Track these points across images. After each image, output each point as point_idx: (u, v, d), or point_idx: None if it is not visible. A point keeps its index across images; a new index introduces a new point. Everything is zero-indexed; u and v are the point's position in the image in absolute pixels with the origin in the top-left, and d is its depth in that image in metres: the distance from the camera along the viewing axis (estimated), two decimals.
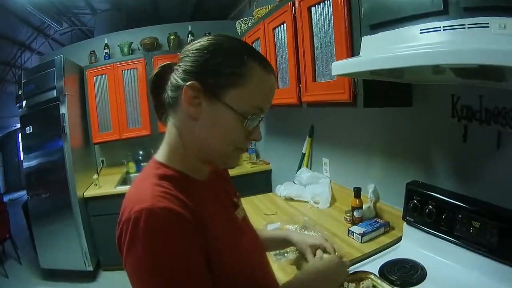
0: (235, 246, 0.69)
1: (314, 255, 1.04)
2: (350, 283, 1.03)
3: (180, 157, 0.67)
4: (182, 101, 0.62)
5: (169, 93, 0.66)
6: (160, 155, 0.69)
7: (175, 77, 0.64)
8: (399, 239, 1.37)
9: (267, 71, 0.65)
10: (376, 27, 0.98)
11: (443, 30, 0.76)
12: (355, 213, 1.60)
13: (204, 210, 0.63)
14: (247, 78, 0.61)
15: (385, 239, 1.43)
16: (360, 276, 1.06)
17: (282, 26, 1.84)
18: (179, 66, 0.65)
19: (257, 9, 2.35)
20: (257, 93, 0.63)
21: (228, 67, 0.61)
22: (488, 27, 0.67)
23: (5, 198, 5.36)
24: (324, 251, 1.05)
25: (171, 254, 0.53)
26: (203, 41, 0.65)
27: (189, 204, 0.59)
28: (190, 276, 0.55)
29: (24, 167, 3.28)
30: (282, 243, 1.13)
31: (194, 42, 0.66)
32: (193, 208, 0.59)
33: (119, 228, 0.57)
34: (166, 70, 0.67)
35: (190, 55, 0.64)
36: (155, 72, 0.69)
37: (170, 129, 0.68)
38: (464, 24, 0.72)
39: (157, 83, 0.69)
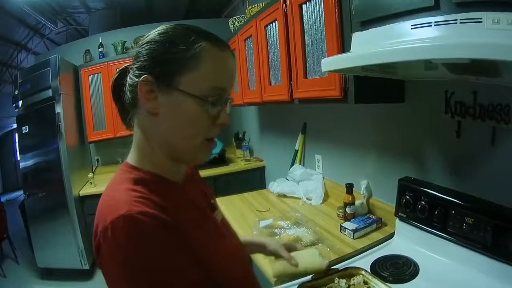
0: (215, 249, 0.66)
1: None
2: (341, 279, 1.02)
3: (149, 158, 0.64)
4: (140, 98, 0.60)
5: (128, 94, 0.64)
6: (131, 158, 0.66)
7: (131, 77, 0.62)
8: (391, 235, 1.37)
9: (221, 48, 0.61)
10: (367, 24, 0.96)
11: (435, 25, 0.74)
12: (347, 209, 1.60)
13: (181, 214, 0.61)
14: (199, 59, 0.58)
15: (377, 235, 1.43)
16: (351, 272, 1.06)
17: (273, 23, 1.83)
18: (133, 65, 0.63)
19: (250, 7, 2.34)
20: (214, 72, 0.60)
21: (176, 52, 0.58)
22: (481, 22, 0.66)
23: (3, 199, 5.34)
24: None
25: (154, 257, 0.52)
26: (150, 34, 0.62)
27: (166, 207, 0.57)
28: (175, 277, 0.54)
29: (20, 167, 3.28)
30: (257, 247, 1.08)
31: (143, 37, 0.64)
32: (170, 211, 0.57)
33: (96, 239, 0.54)
34: (125, 73, 0.65)
35: (141, 51, 0.61)
36: (114, 78, 0.67)
37: (136, 131, 0.66)
38: (456, 19, 0.70)
39: (118, 88, 0.66)
